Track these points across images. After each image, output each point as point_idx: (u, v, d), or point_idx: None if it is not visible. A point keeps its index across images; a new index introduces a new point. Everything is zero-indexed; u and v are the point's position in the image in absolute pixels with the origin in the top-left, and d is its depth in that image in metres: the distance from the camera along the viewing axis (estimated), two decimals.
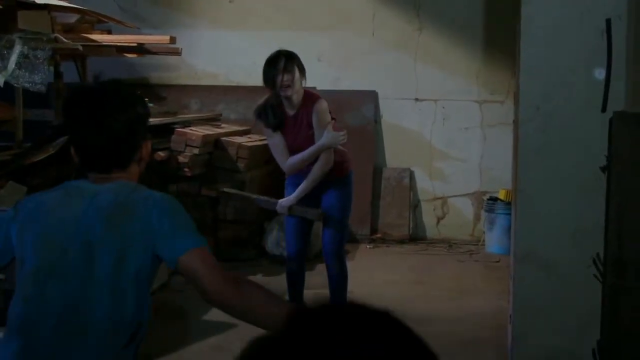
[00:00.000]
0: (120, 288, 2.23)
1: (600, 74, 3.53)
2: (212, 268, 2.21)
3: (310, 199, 5.09)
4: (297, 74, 4.87)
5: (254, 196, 5.98)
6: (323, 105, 4.97)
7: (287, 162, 4.99)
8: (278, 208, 5.16)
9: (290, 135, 4.98)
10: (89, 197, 2.29)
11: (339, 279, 5.19)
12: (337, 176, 5.09)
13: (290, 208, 5.09)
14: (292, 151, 4.99)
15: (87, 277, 2.23)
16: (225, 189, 6.32)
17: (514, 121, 4.69)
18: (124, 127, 2.32)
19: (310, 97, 4.99)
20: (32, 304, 2.25)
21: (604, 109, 3.52)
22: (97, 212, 2.26)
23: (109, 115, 2.31)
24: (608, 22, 3.51)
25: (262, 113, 4.97)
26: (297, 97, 4.91)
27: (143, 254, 2.25)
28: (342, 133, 4.98)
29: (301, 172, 5.03)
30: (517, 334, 3.72)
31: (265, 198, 5.57)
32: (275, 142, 5.01)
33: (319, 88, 7.09)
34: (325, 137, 4.91)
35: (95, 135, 2.31)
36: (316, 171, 4.97)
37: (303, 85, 4.96)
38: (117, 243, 2.24)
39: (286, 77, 4.83)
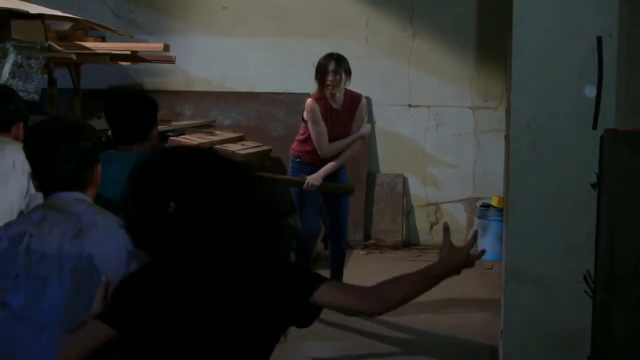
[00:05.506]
0: None
1: (591, 91, 3.54)
2: None
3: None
4: (343, 76, 5.86)
5: (275, 176, 6.25)
6: (365, 102, 6.17)
7: (329, 146, 5.92)
8: (306, 186, 5.87)
9: (335, 125, 5.93)
10: (123, 158, 3.47)
11: (342, 254, 6.24)
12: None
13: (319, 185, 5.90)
14: (331, 139, 5.93)
15: None
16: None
17: (505, 136, 4.71)
18: (142, 119, 3.75)
19: (354, 94, 6.05)
20: None
21: (594, 127, 3.53)
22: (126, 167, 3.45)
23: (133, 113, 3.76)
24: (599, 39, 3.52)
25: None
26: (339, 95, 5.91)
27: None
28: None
29: (312, 161, 5.95)
30: (508, 350, 3.74)
31: (288, 177, 6.19)
32: (322, 129, 5.89)
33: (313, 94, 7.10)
34: (364, 128, 6.10)
35: (127, 123, 3.74)
36: (347, 154, 6.05)
37: (347, 86, 5.96)
38: None
39: (332, 77, 5.81)
